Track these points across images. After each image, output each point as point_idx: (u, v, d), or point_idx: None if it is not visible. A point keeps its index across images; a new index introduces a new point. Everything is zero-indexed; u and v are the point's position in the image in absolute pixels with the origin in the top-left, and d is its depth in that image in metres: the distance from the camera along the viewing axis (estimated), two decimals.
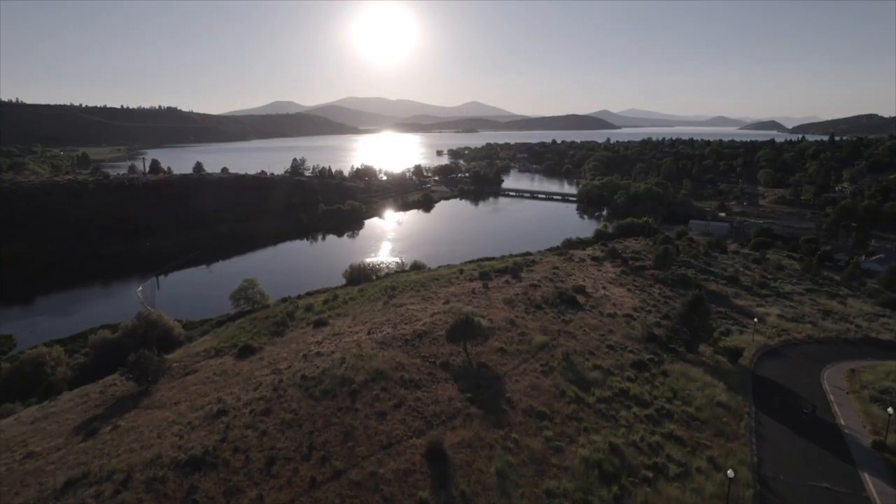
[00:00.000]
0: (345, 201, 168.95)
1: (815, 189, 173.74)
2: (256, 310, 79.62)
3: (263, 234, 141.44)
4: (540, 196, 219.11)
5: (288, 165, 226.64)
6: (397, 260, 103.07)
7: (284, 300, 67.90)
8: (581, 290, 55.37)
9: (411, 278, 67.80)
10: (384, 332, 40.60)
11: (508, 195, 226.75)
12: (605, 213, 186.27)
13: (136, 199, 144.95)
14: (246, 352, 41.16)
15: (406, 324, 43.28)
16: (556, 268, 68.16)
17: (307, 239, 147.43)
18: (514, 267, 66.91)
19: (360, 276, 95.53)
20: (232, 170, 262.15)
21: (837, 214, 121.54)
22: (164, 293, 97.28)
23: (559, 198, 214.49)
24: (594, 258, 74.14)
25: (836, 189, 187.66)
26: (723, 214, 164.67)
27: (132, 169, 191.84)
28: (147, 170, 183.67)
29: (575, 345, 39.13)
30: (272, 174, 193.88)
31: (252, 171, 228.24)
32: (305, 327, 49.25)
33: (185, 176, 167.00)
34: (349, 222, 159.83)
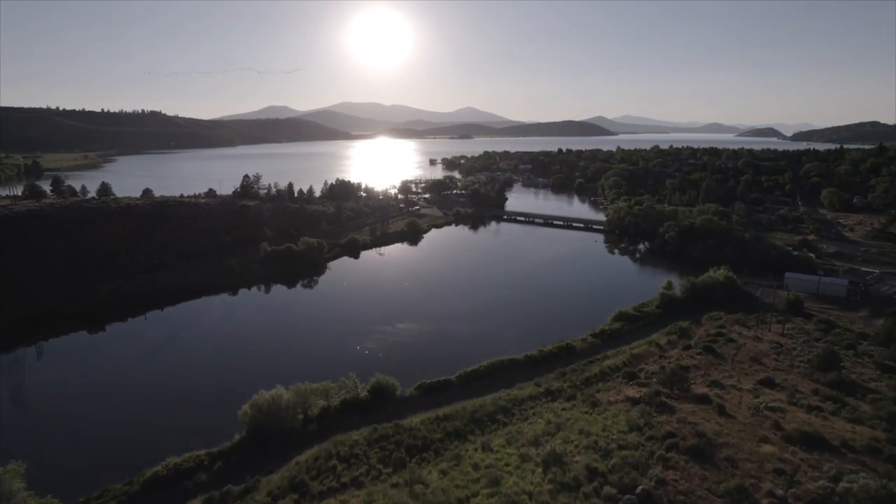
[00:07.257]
0: (301, 237, 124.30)
1: None
2: None
3: (169, 292, 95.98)
4: (556, 223, 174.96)
5: (266, 175, 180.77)
6: (346, 377, 58.33)
7: None
8: None
9: None
10: None
11: (516, 220, 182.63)
12: (642, 247, 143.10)
13: None
14: None
15: None
16: None
17: (255, 288, 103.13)
18: None
19: (271, 422, 50.98)
20: (198, 182, 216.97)
21: None
22: None
23: (581, 225, 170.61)
24: None
25: None
26: (811, 255, 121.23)
27: (28, 190, 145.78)
28: (26, 191, 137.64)
29: None
30: (206, 197, 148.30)
31: (222, 182, 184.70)
32: None
33: (78, 203, 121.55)
34: (304, 266, 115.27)
